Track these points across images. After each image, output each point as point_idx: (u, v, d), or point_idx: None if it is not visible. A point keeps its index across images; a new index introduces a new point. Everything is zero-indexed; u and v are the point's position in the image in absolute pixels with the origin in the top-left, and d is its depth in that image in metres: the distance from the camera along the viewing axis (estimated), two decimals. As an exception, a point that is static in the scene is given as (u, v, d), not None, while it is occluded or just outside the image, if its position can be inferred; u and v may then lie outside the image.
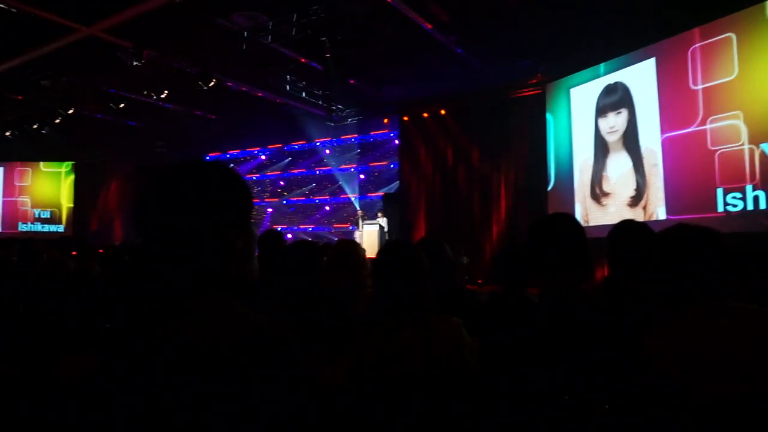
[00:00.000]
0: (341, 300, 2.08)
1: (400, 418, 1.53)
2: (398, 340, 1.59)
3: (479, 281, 9.90)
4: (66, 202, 16.36)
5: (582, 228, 1.65)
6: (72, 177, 16.41)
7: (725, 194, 6.25)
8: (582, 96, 8.60)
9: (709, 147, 6.43)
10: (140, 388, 0.86)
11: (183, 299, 0.91)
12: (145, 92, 10.14)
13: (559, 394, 1.45)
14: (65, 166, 16.29)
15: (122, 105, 10.83)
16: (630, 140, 7.65)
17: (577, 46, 8.25)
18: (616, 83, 7.94)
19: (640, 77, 7.50)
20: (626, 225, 2.19)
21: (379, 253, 1.83)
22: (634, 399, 1.36)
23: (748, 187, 6.03)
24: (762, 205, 5.90)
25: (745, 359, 1.31)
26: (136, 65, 8.48)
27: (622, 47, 7.79)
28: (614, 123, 7.94)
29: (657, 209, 7.08)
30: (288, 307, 1.95)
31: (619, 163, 7.82)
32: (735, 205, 6.15)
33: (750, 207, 6.01)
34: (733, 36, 6.22)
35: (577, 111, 8.70)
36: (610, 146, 8.02)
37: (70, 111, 11.18)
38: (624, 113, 7.78)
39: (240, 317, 0.90)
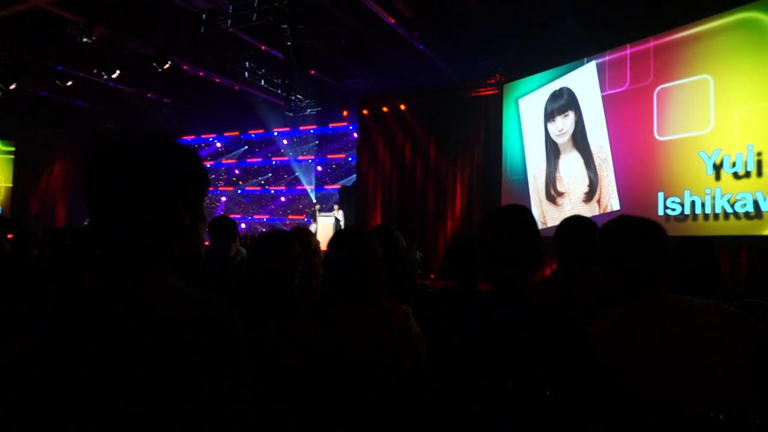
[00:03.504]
0: (290, 286, 2.07)
1: (346, 404, 1.54)
2: (346, 325, 1.60)
3: (432, 276, 10.03)
4: (4, 182, 15.50)
5: (533, 219, 1.67)
6: (11, 156, 15.56)
7: (665, 198, 6.57)
8: (530, 105, 8.95)
9: (656, 149, 6.76)
10: (73, 364, 0.83)
11: (124, 273, 0.89)
12: (95, 71, 9.70)
13: (504, 382, 1.49)
14: (1, 144, 15.42)
15: (70, 83, 10.33)
16: (579, 140, 8.00)
17: (533, 50, 8.48)
18: (561, 89, 8.32)
19: (583, 80, 7.91)
20: (571, 219, 2.26)
21: (332, 239, 1.83)
22: (578, 386, 1.40)
23: (686, 192, 6.37)
24: (698, 210, 6.25)
25: (685, 349, 1.38)
26: (87, 42, 8.11)
27: (573, 53, 8.09)
28: (562, 126, 8.29)
29: (611, 201, 7.40)
30: (234, 290, 1.93)
31: (571, 163, 8.14)
32: (674, 209, 6.47)
33: (687, 212, 6.35)
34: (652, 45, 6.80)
35: (527, 120, 9.05)
36: (560, 148, 8.34)
37: (12, 86, 10.57)
38: (571, 115, 8.13)
39: (182, 293, 0.88)
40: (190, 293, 0.88)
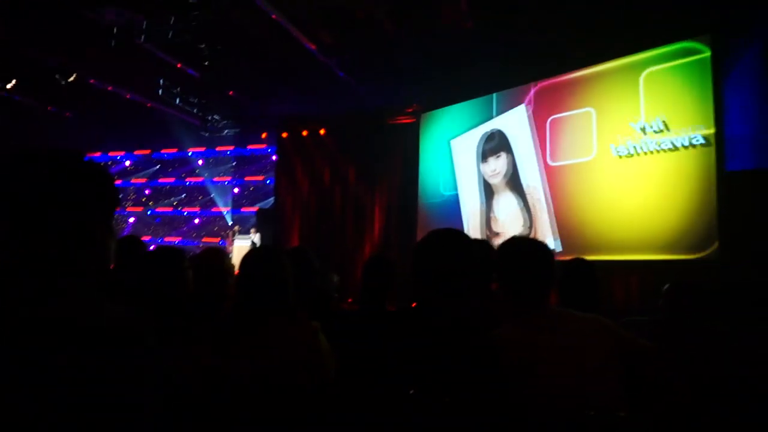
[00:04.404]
0: (202, 306, 2.05)
1: (255, 419, 1.55)
2: (256, 341, 1.62)
3: (349, 300, 10.05)
4: None
5: (469, 241, 1.72)
6: None
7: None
8: (462, 146, 9.16)
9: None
10: None
11: (36, 285, 0.90)
12: (-12, 80, 8.99)
13: (407, 391, 1.56)
14: None
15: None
16: (513, 180, 8.28)
17: (449, 80, 8.91)
18: (492, 131, 8.62)
19: (514, 122, 8.27)
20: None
21: (244, 258, 1.85)
22: (482, 391, 1.51)
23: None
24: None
25: (571, 351, 1.55)
26: (-21, 48, 7.52)
27: (487, 87, 8.60)
28: (495, 166, 8.54)
29: (546, 240, 7.52)
30: (144, 308, 1.87)
31: (506, 203, 8.37)
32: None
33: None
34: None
35: (460, 160, 9.20)
36: (494, 188, 8.58)
37: None
38: (503, 156, 8.42)
39: (97, 302, 0.90)
40: (103, 304, 0.91)
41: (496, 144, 8.55)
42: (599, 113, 7.15)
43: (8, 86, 9.01)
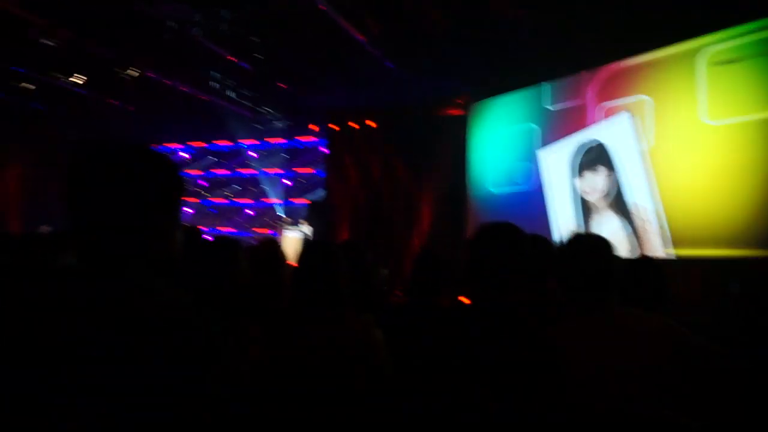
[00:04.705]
0: (259, 297, 2.06)
1: (310, 412, 1.53)
2: (311, 336, 1.60)
3: (398, 293, 10.04)
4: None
5: (523, 235, 1.68)
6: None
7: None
8: (552, 157, 8.31)
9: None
10: (58, 367, 0.84)
11: (108, 277, 0.92)
12: (56, 75, 9.44)
13: (467, 393, 1.51)
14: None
15: (27, 86, 10.02)
16: (613, 199, 7.31)
17: (501, 69, 8.69)
18: (590, 142, 7.65)
19: (616, 133, 7.27)
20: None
21: (300, 251, 1.84)
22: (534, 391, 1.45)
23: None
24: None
25: (625, 354, 1.46)
26: (49, 45, 7.90)
27: (538, 75, 8.28)
28: (592, 183, 7.57)
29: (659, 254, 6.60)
30: (201, 298, 1.90)
31: (606, 223, 7.40)
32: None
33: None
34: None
35: (550, 173, 8.36)
36: (591, 206, 7.67)
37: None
38: (602, 172, 7.44)
39: (163, 294, 0.91)
40: (169, 295, 0.92)
41: (593, 157, 7.52)
42: (657, 102, 6.70)
43: (75, 81, 9.44)
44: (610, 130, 7.36)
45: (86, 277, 0.91)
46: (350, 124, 11.40)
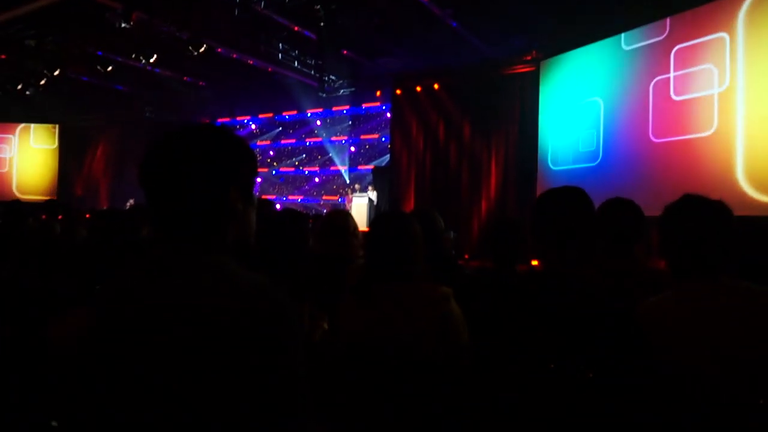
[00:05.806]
0: (332, 267, 2.10)
1: (388, 386, 1.56)
2: (388, 307, 1.61)
3: (466, 256, 9.98)
4: (51, 165, 16.06)
5: (590, 202, 1.61)
6: (56, 141, 16.08)
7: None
8: None
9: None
10: (137, 346, 0.87)
11: (182, 257, 0.92)
12: (134, 56, 9.88)
13: (546, 365, 1.48)
14: (47, 128, 15.86)
15: (110, 68, 10.58)
16: None
17: (569, 25, 8.17)
18: None
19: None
20: (615, 202, 2.20)
21: (374, 221, 1.84)
22: (627, 370, 1.38)
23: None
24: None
25: (738, 335, 1.34)
26: (125, 27, 8.26)
27: (610, 29, 7.69)
28: None
29: None
30: (277, 272, 1.96)
31: None
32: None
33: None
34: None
35: None
36: None
37: (56, 72, 10.88)
38: None
39: (237, 276, 0.91)
40: (245, 277, 0.92)
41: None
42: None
43: (151, 60, 9.85)
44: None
45: (163, 266, 0.91)
46: (415, 88, 11.22)
